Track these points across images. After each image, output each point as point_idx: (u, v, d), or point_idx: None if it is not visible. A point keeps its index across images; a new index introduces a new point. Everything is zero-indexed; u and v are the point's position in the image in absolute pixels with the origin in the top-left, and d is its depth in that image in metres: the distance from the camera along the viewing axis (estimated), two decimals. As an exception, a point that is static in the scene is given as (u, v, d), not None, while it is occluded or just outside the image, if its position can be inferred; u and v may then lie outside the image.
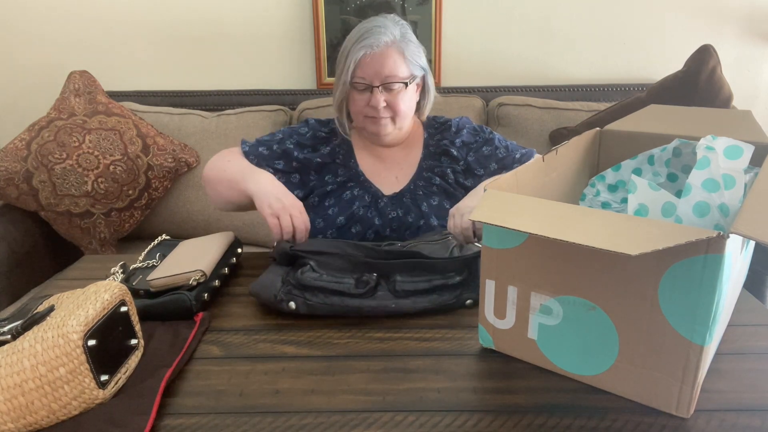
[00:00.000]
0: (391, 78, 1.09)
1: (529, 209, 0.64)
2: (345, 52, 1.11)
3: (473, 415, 0.64)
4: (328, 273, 0.88)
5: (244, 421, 0.64)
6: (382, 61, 1.08)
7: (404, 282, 0.87)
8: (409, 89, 1.13)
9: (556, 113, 1.85)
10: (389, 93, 1.11)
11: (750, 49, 1.99)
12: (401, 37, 1.11)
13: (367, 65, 1.08)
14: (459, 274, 0.89)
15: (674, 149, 0.86)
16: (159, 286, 0.87)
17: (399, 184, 1.19)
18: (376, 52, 1.08)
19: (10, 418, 0.61)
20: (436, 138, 1.22)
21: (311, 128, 1.22)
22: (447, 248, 0.93)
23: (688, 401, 0.62)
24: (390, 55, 1.09)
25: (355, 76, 1.10)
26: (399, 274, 0.89)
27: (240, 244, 1.07)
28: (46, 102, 1.89)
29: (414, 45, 1.14)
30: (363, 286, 0.87)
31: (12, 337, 0.65)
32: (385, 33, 1.09)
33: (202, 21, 1.99)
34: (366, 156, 1.21)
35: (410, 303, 0.86)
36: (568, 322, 0.68)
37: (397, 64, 1.10)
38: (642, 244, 0.53)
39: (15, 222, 1.73)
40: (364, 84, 1.10)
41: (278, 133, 1.22)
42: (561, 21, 1.98)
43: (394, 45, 1.10)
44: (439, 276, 0.88)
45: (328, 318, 0.85)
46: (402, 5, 1.93)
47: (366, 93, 1.11)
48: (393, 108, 1.12)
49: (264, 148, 1.19)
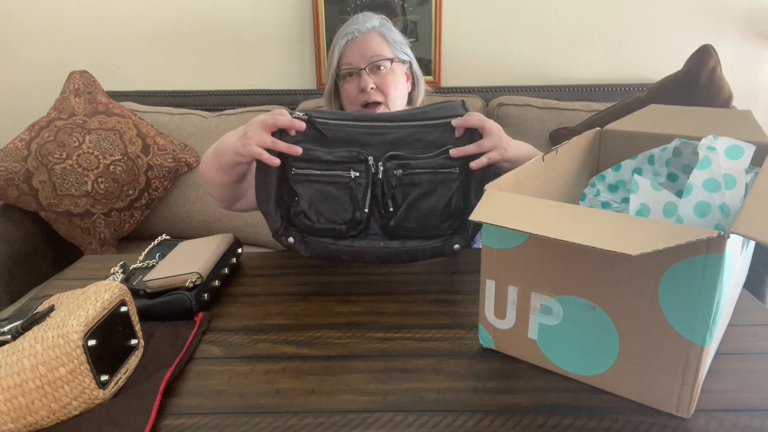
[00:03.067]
0: (376, 57, 1.11)
1: (529, 209, 0.64)
2: (332, 49, 1.15)
3: (473, 415, 0.64)
4: (319, 219, 0.90)
5: (244, 421, 0.64)
6: (365, 44, 1.11)
7: (396, 228, 0.90)
8: (396, 72, 1.14)
9: (556, 113, 1.85)
10: (376, 75, 1.12)
11: (750, 49, 1.99)
12: (381, 24, 1.15)
13: (351, 51, 1.11)
14: (450, 226, 0.90)
15: (674, 149, 0.86)
16: (155, 287, 0.87)
17: None
18: (358, 38, 1.12)
19: (10, 418, 0.61)
20: None
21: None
22: (449, 188, 0.91)
23: (688, 401, 0.62)
24: (372, 38, 1.12)
25: (342, 64, 1.12)
26: (394, 212, 0.90)
27: (240, 244, 1.07)
28: (46, 102, 1.89)
29: (396, 33, 1.17)
30: (354, 226, 0.90)
31: (12, 337, 0.65)
32: (366, 22, 1.13)
33: (202, 21, 1.99)
34: None
35: (398, 244, 0.90)
36: (568, 322, 0.68)
37: (380, 46, 1.12)
38: (642, 244, 0.53)
39: (15, 222, 1.73)
40: (350, 69, 1.12)
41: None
42: (561, 21, 1.98)
43: (375, 30, 1.13)
44: (433, 225, 0.90)
45: (329, 318, 0.85)
46: (402, 5, 1.93)
47: (354, 79, 1.13)
48: (383, 90, 1.12)
49: None
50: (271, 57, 2.03)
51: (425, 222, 0.90)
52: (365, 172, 0.90)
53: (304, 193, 0.90)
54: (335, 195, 0.90)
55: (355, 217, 0.89)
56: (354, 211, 0.89)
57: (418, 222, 0.90)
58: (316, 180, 0.90)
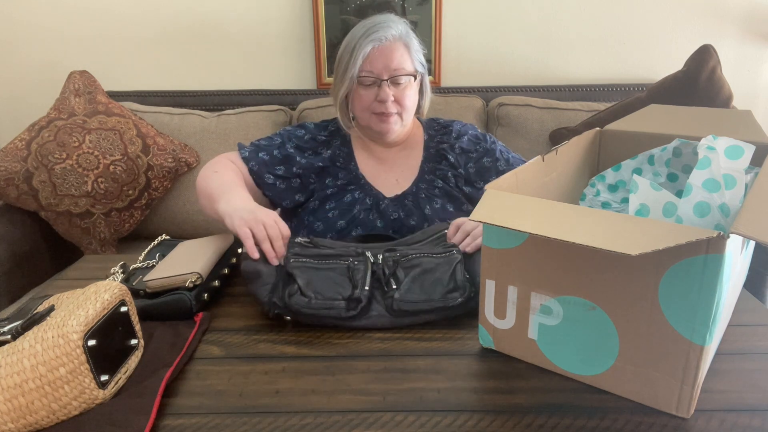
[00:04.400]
0: (399, 71, 1.09)
1: (529, 209, 0.64)
2: (350, 47, 1.10)
3: (473, 415, 0.64)
4: (317, 296, 0.82)
5: (244, 421, 0.64)
6: (390, 54, 1.08)
7: (403, 302, 0.82)
8: (413, 84, 1.13)
9: (556, 113, 1.85)
10: (396, 87, 1.10)
11: (750, 49, 1.99)
12: (406, 32, 1.12)
13: (375, 59, 1.08)
14: (461, 294, 0.83)
15: (674, 149, 0.86)
16: (155, 287, 0.87)
17: (400, 186, 1.18)
18: (384, 45, 1.08)
19: (10, 418, 0.61)
20: (436, 140, 1.21)
21: (309, 132, 1.21)
22: (450, 264, 0.87)
23: (688, 401, 0.62)
24: (397, 48, 1.09)
25: (363, 70, 1.09)
26: (397, 289, 0.84)
27: (240, 244, 1.07)
28: (46, 102, 1.89)
29: (416, 42, 1.14)
30: (355, 305, 0.82)
31: (12, 337, 0.65)
32: (392, 27, 1.10)
33: (202, 21, 1.99)
34: (366, 158, 1.21)
35: (409, 321, 0.83)
36: (568, 322, 0.68)
37: (404, 58, 1.10)
38: (642, 244, 0.53)
39: (15, 222, 1.73)
40: (371, 78, 1.09)
41: (276, 137, 1.21)
42: (561, 21, 1.98)
43: (401, 39, 1.10)
44: (440, 298, 0.83)
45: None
46: (402, 5, 1.93)
47: (373, 88, 1.10)
48: (400, 103, 1.11)
49: (264, 154, 1.17)
50: (271, 57, 2.03)
51: (432, 292, 0.83)
52: (363, 262, 0.88)
53: (302, 275, 0.85)
54: (333, 276, 0.86)
55: (354, 294, 0.82)
56: (354, 289, 0.83)
57: (424, 293, 0.83)
58: (313, 266, 0.87)
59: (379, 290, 0.85)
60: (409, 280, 0.85)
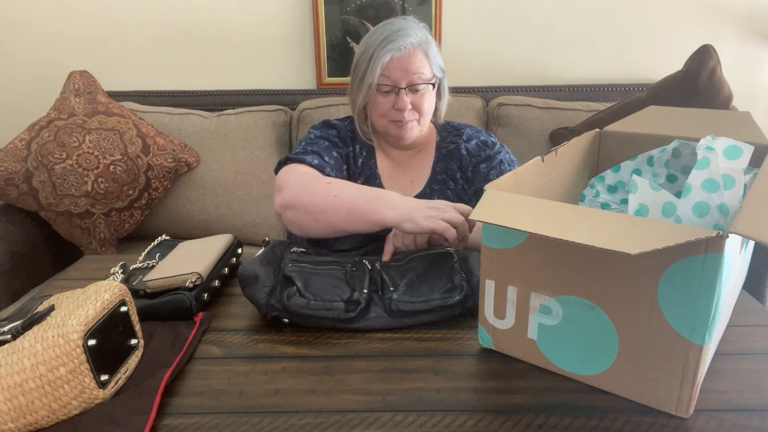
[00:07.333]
0: (417, 79, 1.08)
1: (529, 209, 0.64)
2: (368, 55, 1.09)
3: (473, 415, 0.64)
4: (315, 297, 0.82)
5: (244, 421, 0.64)
6: (408, 63, 1.07)
7: (401, 302, 0.82)
8: (432, 90, 1.12)
9: (556, 113, 1.85)
10: (414, 94, 1.10)
11: (750, 49, 1.99)
12: (425, 38, 1.11)
13: (393, 67, 1.07)
14: (459, 293, 0.83)
15: (674, 150, 0.86)
16: (155, 288, 0.87)
17: (414, 188, 1.19)
18: (403, 54, 1.07)
19: (10, 417, 0.61)
20: (448, 141, 1.22)
21: (336, 128, 1.20)
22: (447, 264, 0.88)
23: (688, 401, 0.62)
24: (416, 55, 1.08)
25: (380, 77, 1.08)
26: (395, 290, 0.84)
27: (240, 244, 1.07)
28: (46, 102, 1.89)
29: (435, 46, 1.13)
30: (354, 307, 0.82)
31: (12, 336, 0.65)
32: (411, 35, 1.08)
33: (202, 21, 1.99)
34: (384, 159, 1.21)
35: (408, 322, 0.83)
36: (567, 322, 0.68)
37: (422, 65, 1.09)
38: (641, 244, 0.53)
39: (15, 222, 1.73)
40: (389, 86, 1.09)
41: (310, 137, 1.17)
42: (561, 21, 1.98)
43: (420, 46, 1.09)
44: (438, 298, 0.83)
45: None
46: (402, 5, 1.93)
47: (390, 95, 1.10)
48: (418, 109, 1.11)
49: (315, 148, 1.12)
50: (271, 57, 2.03)
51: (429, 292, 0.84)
52: (361, 269, 0.89)
53: (300, 278, 0.85)
54: (332, 280, 0.86)
55: (353, 297, 0.82)
56: (352, 292, 0.83)
57: (422, 293, 0.84)
58: (312, 271, 0.87)
59: (377, 294, 0.86)
60: (406, 281, 0.86)
